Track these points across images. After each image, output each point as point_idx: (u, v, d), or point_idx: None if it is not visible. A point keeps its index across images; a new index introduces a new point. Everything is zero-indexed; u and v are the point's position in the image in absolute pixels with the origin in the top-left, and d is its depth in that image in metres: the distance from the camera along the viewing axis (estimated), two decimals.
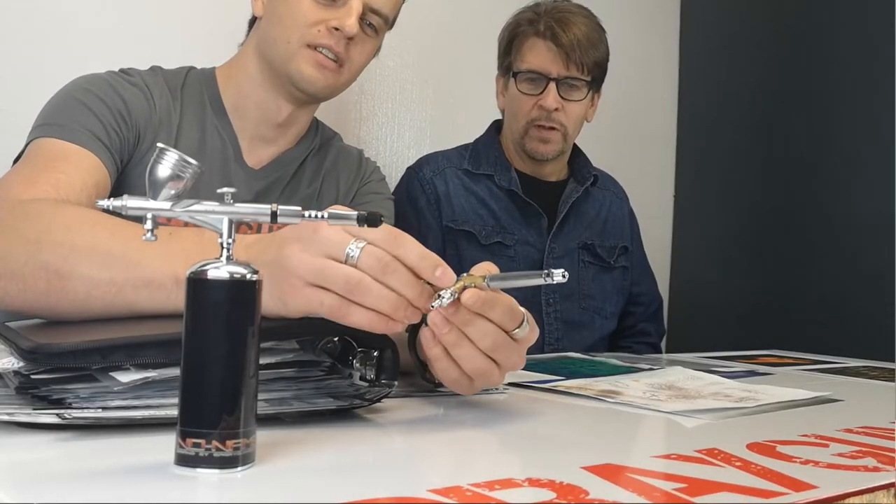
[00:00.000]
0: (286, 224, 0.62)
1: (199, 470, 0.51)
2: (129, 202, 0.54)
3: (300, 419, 0.69)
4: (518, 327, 0.74)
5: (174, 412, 0.53)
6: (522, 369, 0.81)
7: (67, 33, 1.47)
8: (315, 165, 1.27)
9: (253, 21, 1.23)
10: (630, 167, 2.11)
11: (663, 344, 1.95)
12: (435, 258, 0.68)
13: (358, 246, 0.66)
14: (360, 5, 1.12)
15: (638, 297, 1.80)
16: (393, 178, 1.68)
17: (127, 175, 1.08)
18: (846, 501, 0.54)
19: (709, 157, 2.37)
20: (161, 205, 0.54)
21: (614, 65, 1.64)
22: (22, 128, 1.05)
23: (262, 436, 0.56)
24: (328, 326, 0.68)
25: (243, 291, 0.53)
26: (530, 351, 0.79)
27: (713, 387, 1.00)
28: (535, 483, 0.52)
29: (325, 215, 0.59)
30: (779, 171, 2.18)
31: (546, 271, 0.67)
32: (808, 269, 2.08)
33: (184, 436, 0.52)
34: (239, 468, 0.52)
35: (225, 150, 1.17)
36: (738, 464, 0.60)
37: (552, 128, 1.59)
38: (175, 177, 0.54)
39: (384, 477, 0.56)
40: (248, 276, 0.53)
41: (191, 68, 1.22)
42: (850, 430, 0.76)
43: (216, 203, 0.55)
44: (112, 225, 0.79)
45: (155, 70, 1.19)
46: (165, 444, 0.54)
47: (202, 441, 0.51)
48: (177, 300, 0.73)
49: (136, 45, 1.47)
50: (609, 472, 0.57)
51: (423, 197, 1.62)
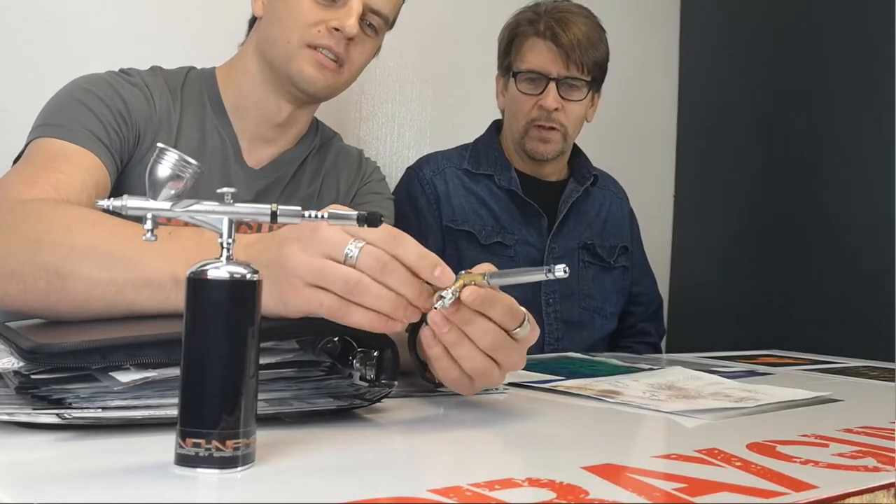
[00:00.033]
0: (285, 224, 0.62)
1: (199, 470, 0.51)
2: (129, 202, 0.54)
3: (300, 419, 0.69)
4: (519, 327, 0.74)
5: (174, 412, 0.53)
6: (522, 369, 0.81)
7: (67, 33, 1.47)
8: (315, 165, 1.27)
9: (253, 21, 1.23)
10: (630, 167, 2.11)
11: (663, 344, 1.95)
12: (434, 258, 0.68)
13: (357, 246, 0.66)
14: (360, 6, 1.12)
15: (638, 297, 1.80)
16: (393, 178, 1.68)
17: (127, 175, 1.08)
18: (846, 501, 0.54)
19: (709, 157, 2.37)
20: (161, 205, 0.54)
21: (614, 65, 1.64)
22: (22, 128, 1.06)
23: (262, 436, 0.56)
24: (328, 326, 0.68)
25: (243, 291, 0.53)
26: (530, 351, 0.79)
27: (713, 387, 1.00)
28: (535, 483, 0.52)
29: (325, 215, 0.59)
30: (779, 171, 2.18)
31: (547, 267, 0.67)
32: (808, 269, 2.08)
33: (184, 436, 0.52)
34: (239, 468, 0.52)
35: (225, 150, 1.17)
36: (738, 464, 0.60)
37: (552, 128, 1.59)
38: (175, 177, 0.54)
39: (384, 477, 0.56)
40: (248, 276, 0.53)
41: (191, 68, 1.22)
42: (850, 430, 0.76)
43: (216, 203, 0.55)
44: (112, 225, 0.79)
45: (155, 70, 1.19)
46: (165, 444, 0.54)
47: (202, 441, 0.51)
48: (176, 300, 0.73)
49: (136, 45, 1.47)
50: (609, 472, 0.57)
51: (422, 197, 1.62)
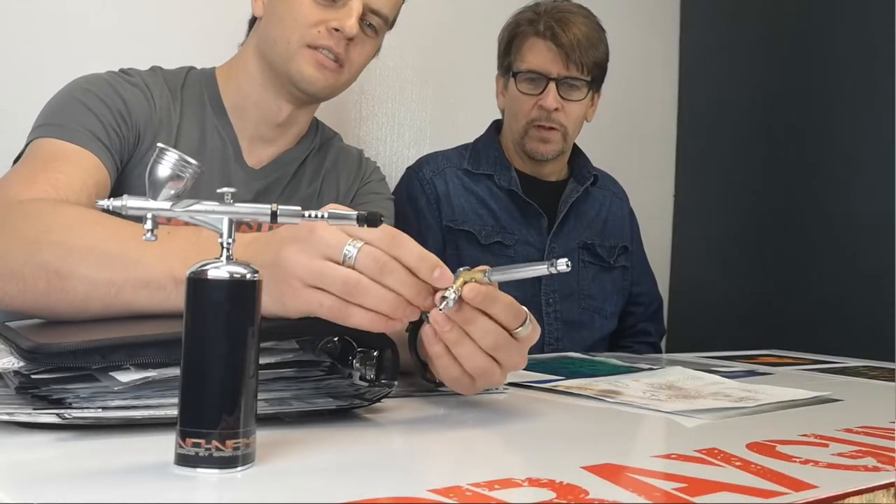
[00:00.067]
0: (285, 223, 0.62)
1: (199, 470, 0.51)
2: (129, 202, 0.54)
3: (300, 419, 0.69)
4: (521, 326, 0.74)
5: (174, 412, 0.53)
6: (523, 369, 0.81)
7: (67, 33, 1.47)
8: (315, 165, 1.27)
9: (253, 21, 1.23)
10: (630, 167, 2.11)
11: (663, 344, 1.95)
12: (433, 259, 0.68)
13: (355, 246, 0.66)
14: (360, 6, 1.12)
15: (638, 297, 1.80)
16: (393, 178, 1.68)
17: (127, 175, 1.08)
18: (846, 501, 0.54)
19: (709, 157, 2.37)
20: (161, 205, 0.54)
21: (614, 65, 1.64)
22: (22, 128, 1.06)
23: (262, 436, 0.56)
24: (328, 326, 0.68)
25: (243, 291, 0.53)
26: (530, 351, 0.79)
27: (713, 387, 1.00)
28: (535, 483, 0.52)
29: (326, 215, 0.59)
30: (779, 171, 2.18)
31: (550, 261, 0.67)
32: (808, 269, 2.08)
33: (184, 436, 0.52)
34: (239, 468, 0.52)
35: (225, 150, 1.17)
36: (738, 464, 0.60)
37: (552, 128, 1.59)
38: (175, 177, 0.54)
39: (384, 477, 0.56)
40: (249, 276, 0.53)
41: (191, 68, 1.22)
42: (849, 430, 0.76)
43: (216, 203, 0.55)
44: (110, 225, 0.79)
45: (155, 70, 1.19)
46: (165, 444, 0.54)
47: (202, 441, 0.51)
48: (176, 300, 0.73)
49: (136, 45, 1.47)
50: (609, 472, 0.57)
51: (422, 197, 1.62)
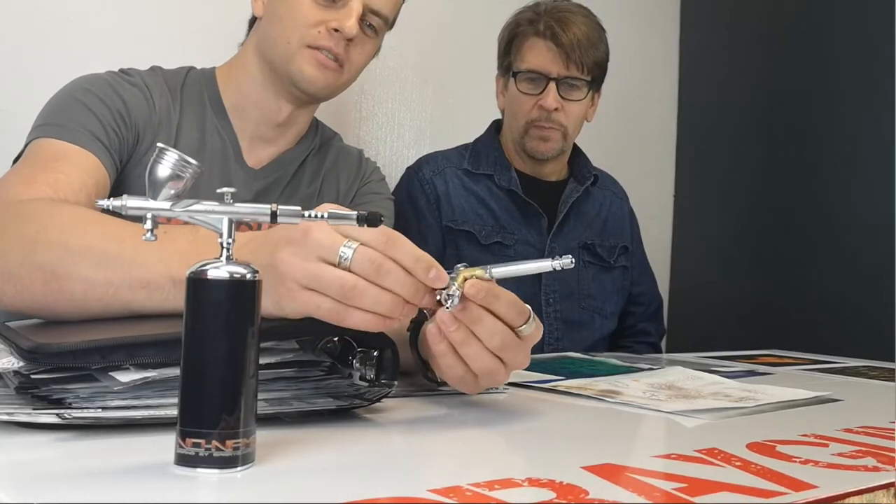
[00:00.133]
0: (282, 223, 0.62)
1: (199, 470, 0.51)
2: (129, 202, 0.54)
3: (300, 419, 0.69)
4: (524, 323, 0.73)
5: (174, 412, 0.53)
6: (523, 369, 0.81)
7: (67, 33, 1.47)
8: (315, 165, 1.27)
9: (253, 21, 1.23)
10: (630, 167, 2.11)
11: (663, 344, 1.95)
12: (428, 259, 0.68)
13: (351, 247, 0.65)
14: (360, 6, 1.12)
15: (638, 297, 1.80)
16: (393, 178, 1.68)
17: (126, 175, 1.08)
18: (846, 501, 0.54)
19: (709, 157, 2.37)
20: (161, 205, 0.54)
21: (614, 65, 1.64)
22: (22, 128, 1.06)
23: (262, 436, 0.56)
24: (328, 326, 0.68)
25: (243, 291, 0.53)
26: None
27: (713, 387, 1.00)
28: (535, 483, 0.52)
29: (326, 215, 0.59)
30: (779, 171, 2.18)
31: (554, 257, 0.67)
32: (808, 269, 2.08)
33: (184, 436, 0.52)
34: (239, 468, 0.52)
35: (225, 150, 1.17)
36: (738, 464, 0.60)
37: (552, 127, 1.59)
38: (175, 177, 0.54)
39: (384, 477, 0.56)
40: (248, 276, 0.53)
41: (191, 68, 1.22)
42: (850, 430, 0.76)
43: (216, 203, 0.55)
44: (108, 225, 0.79)
45: (155, 70, 1.19)
46: (165, 444, 0.54)
47: (202, 441, 0.51)
48: (174, 300, 0.73)
49: (136, 45, 1.47)
50: (609, 471, 0.57)
51: (422, 197, 1.62)
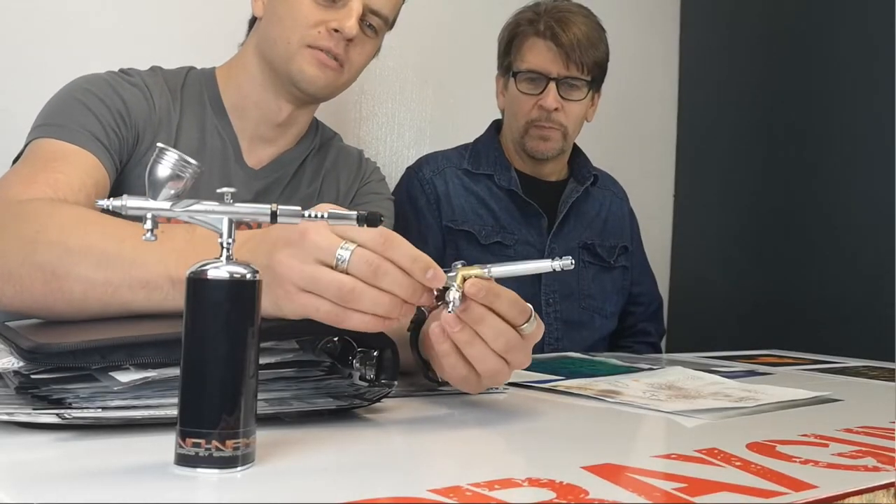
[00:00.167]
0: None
1: (199, 470, 0.51)
2: (129, 202, 0.54)
3: (300, 419, 0.69)
4: (526, 322, 0.73)
5: (174, 412, 0.53)
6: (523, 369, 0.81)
7: (67, 33, 1.47)
8: (315, 165, 1.27)
9: (253, 21, 1.23)
10: (630, 167, 2.11)
11: (663, 344, 1.95)
12: (426, 260, 0.67)
13: (348, 249, 0.65)
14: (360, 7, 1.12)
15: (638, 297, 1.80)
16: (393, 178, 1.68)
17: (126, 175, 1.08)
18: (846, 501, 0.54)
19: (709, 156, 2.37)
20: (161, 205, 0.54)
21: (614, 65, 1.64)
22: (22, 128, 1.06)
23: (262, 436, 0.56)
24: (327, 326, 0.68)
25: (243, 291, 0.53)
26: None
27: (713, 387, 1.00)
28: (535, 483, 0.52)
29: (326, 215, 0.59)
30: (779, 171, 2.18)
31: (554, 258, 0.67)
32: (808, 269, 2.08)
33: (184, 436, 0.52)
34: (239, 468, 0.52)
35: (225, 150, 1.17)
36: (738, 464, 0.60)
37: (552, 127, 1.59)
38: (175, 177, 0.54)
39: (384, 477, 0.56)
40: (249, 276, 0.53)
41: (191, 68, 1.22)
42: (849, 430, 0.76)
43: (216, 203, 0.55)
44: (108, 225, 0.79)
45: (155, 70, 1.19)
46: (165, 444, 0.54)
47: (202, 441, 0.51)
48: (174, 300, 0.73)
49: (136, 45, 1.47)
50: (609, 471, 0.57)
51: (422, 197, 1.62)
